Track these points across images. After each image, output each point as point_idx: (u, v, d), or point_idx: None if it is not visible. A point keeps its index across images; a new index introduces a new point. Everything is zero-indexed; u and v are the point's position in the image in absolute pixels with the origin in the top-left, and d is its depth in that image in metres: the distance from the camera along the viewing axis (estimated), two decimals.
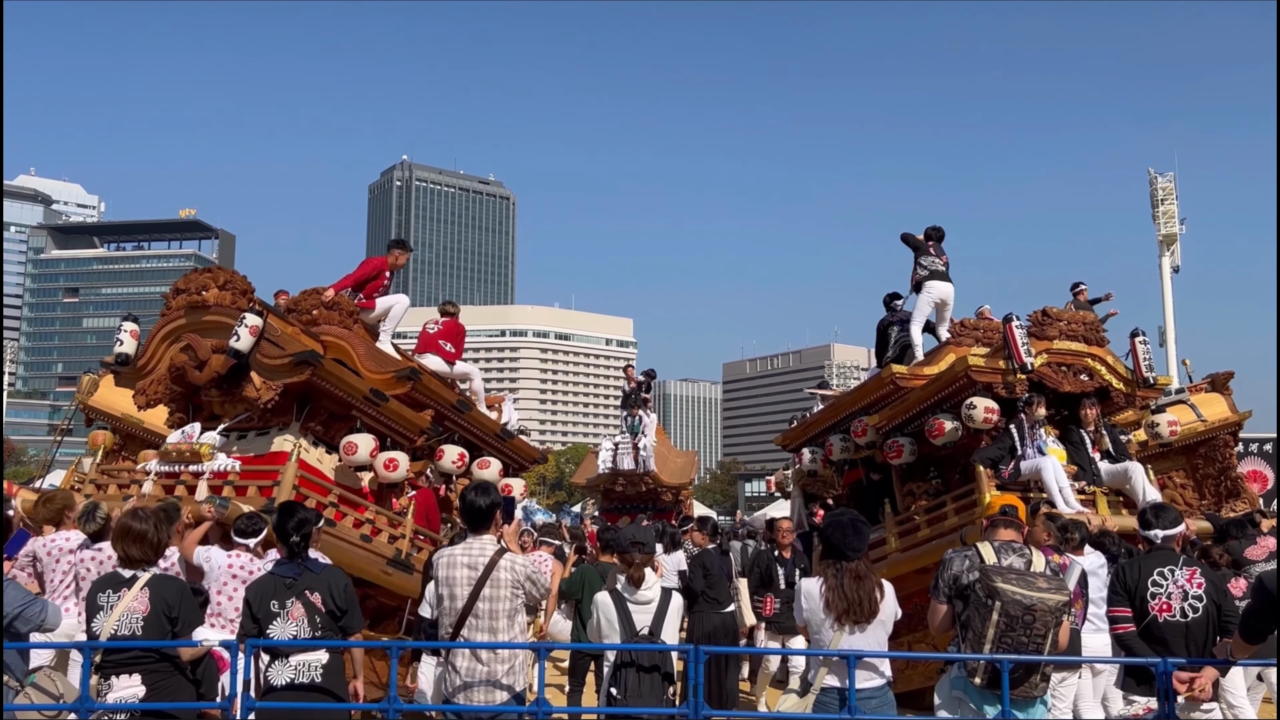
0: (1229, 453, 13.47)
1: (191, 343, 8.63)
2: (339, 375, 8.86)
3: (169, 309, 8.96)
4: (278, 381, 8.41)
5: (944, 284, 11.13)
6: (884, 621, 5.29)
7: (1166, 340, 40.79)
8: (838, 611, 5.22)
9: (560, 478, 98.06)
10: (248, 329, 8.19)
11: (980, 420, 9.20)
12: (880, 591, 5.29)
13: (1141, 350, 9.81)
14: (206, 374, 8.54)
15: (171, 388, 8.92)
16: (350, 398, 8.99)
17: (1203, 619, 5.47)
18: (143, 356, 9.07)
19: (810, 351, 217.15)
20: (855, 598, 5.20)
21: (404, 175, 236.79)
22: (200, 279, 8.88)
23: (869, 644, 5.22)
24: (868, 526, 5.55)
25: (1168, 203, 44.07)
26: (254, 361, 8.36)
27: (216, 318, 8.61)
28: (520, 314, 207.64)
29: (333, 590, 5.43)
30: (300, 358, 8.36)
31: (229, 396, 8.82)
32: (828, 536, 5.45)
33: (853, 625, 5.21)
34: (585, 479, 22.59)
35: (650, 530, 6.40)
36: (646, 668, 5.55)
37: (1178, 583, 5.52)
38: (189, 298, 8.78)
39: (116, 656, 5.04)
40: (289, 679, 5.27)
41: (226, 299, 8.65)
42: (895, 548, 9.68)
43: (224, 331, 8.39)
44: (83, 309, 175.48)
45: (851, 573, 5.26)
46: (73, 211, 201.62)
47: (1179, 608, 5.49)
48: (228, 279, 8.82)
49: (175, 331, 8.89)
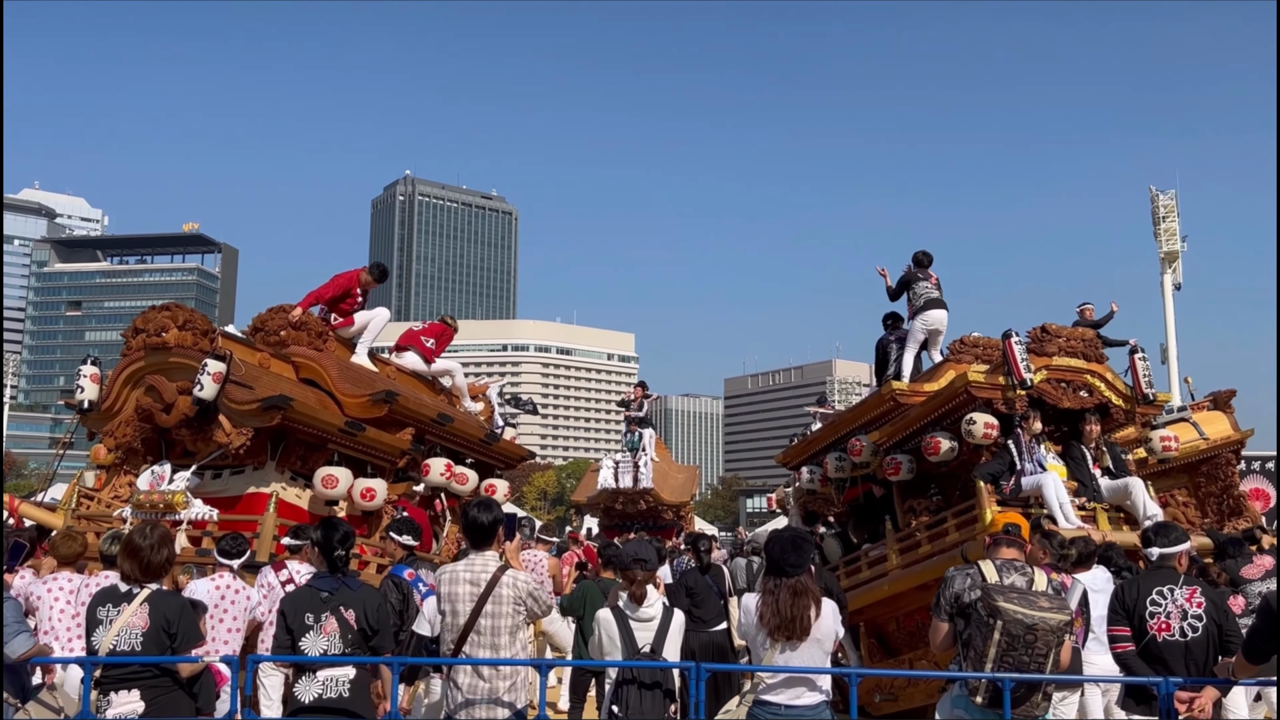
0: (1231, 471, 13.45)
1: (156, 384, 8.42)
2: (311, 413, 8.62)
3: (129, 349, 8.73)
4: (248, 426, 8.22)
5: (937, 311, 11.32)
6: (819, 640, 5.21)
7: (1169, 358, 40.72)
8: (770, 627, 5.19)
9: (561, 493, 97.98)
10: (210, 376, 7.97)
11: (980, 436, 9.21)
12: (817, 610, 5.22)
13: (1141, 367, 9.83)
14: (174, 416, 8.33)
15: (141, 428, 8.69)
16: (325, 433, 8.78)
17: (1203, 638, 5.44)
18: (106, 399, 8.83)
19: (812, 367, 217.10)
20: (789, 614, 5.15)
21: (407, 190, 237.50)
22: (159, 319, 8.63)
23: (802, 661, 5.17)
24: (811, 544, 5.50)
25: (1169, 220, 44.09)
26: (221, 406, 8.14)
27: (180, 359, 8.41)
28: (522, 329, 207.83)
29: (367, 609, 5.40)
30: (269, 402, 8.15)
31: (200, 435, 8.55)
32: (769, 552, 5.43)
33: (785, 641, 5.17)
34: (585, 496, 22.56)
35: (651, 547, 6.37)
36: (648, 685, 5.54)
37: (1177, 602, 5.49)
38: (148, 339, 8.55)
39: (116, 671, 5.03)
40: (317, 694, 5.22)
41: (187, 339, 8.44)
42: (896, 564, 9.67)
43: (188, 372, 8.20)
44: (85, 322, 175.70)
45: (789, 589, 5.21)
46: (76, 225, 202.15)
47: (1178, 627, 5.46)
48: (187, 318, 8.60)
49: (136, 374, 8.67)
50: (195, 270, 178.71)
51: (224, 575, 7.08)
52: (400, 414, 9.79)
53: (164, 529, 5.59)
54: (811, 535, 5.78)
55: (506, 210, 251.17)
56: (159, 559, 5.29)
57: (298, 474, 8.99)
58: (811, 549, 5.42)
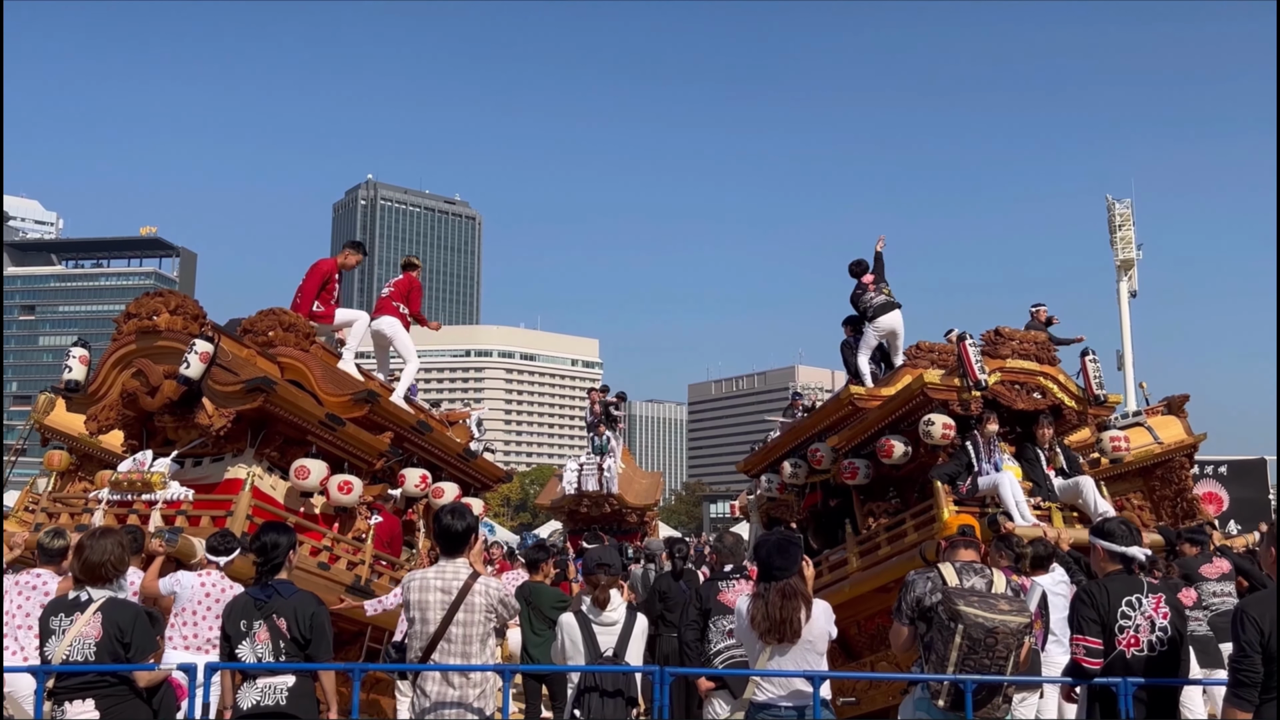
0: (1185, 474, 13.71)
1: (143, 368, 8.49)
2: (293, 401, 8.74)
3: (120, 333, 8.82)
4: (230, 408, 8.28)
5: (887, 315, 11.45)
6: (811, 641, 5.26)
7: (1124, 364, 41.38)
8: (760, 630, 5.24)
9: (525, 499, 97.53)
10: (198, 355, 8.06)
11: (938, 437, 9.35)
12: (808, 611, 5.26)
13: (1092, 369, 10.05)
14: (159, 400, 8.40)
15: (124, 413, 8.75)
16: (305, 423, 8.88)
17: (1170, 652, 5.14)
18: (94, 382, 8.91)
19: (775, 373, 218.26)
20: (779, 617, 5.19)
21: (369, 194, 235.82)
22: (151, 303, 8.76)
23: (794, 664, 5.21)
24: (798, 546, 5.51)
25: (1125, 228, 44.90)
26: (205, 388, 8.22)
27: (168, 343, 8.48)
28: (486, 334, 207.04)
29: (299, 617, 5.32)
30: (252, 384, 8.24)
31: (182, 422, 8.66)
32: (757, 556, 5.46)
33: (776, 644, 5.22)
34: (549, 500, 22.48)
35: (615, 552, 6.39)
36: (610, 691, 5.54)
37: (1145, 613, 5.14)
38: (139, 322, 8.65)
39: (70, 681, 4.96)
40: (255, 701, 5.19)
41: (178, 324, 8.53)
42: (856, 567, 9.76)
43: (176, 357, 8.27)
44: (39, 327, 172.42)
45: (779, 591, 5.24)
46: (30, 228, 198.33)
47: (1146, 640, 5.12)
48: (179, 303, 8.70)
49: (126, 357, 8.73)
50: (152, 274, 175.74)
51: (211, 573, 7.03)
52: (380, 417, 9.84)
53: (119, 532, 5.51)
54: (799, 538, 5.78)
55: (470, 215, 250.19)
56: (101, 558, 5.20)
57: (275, 465, 9.03)
58: (800, 551, 5.43)
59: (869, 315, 11.51)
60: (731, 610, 6.52)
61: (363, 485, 9.31)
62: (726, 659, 6.47)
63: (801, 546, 5.56)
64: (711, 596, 6.68)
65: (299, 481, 8.85)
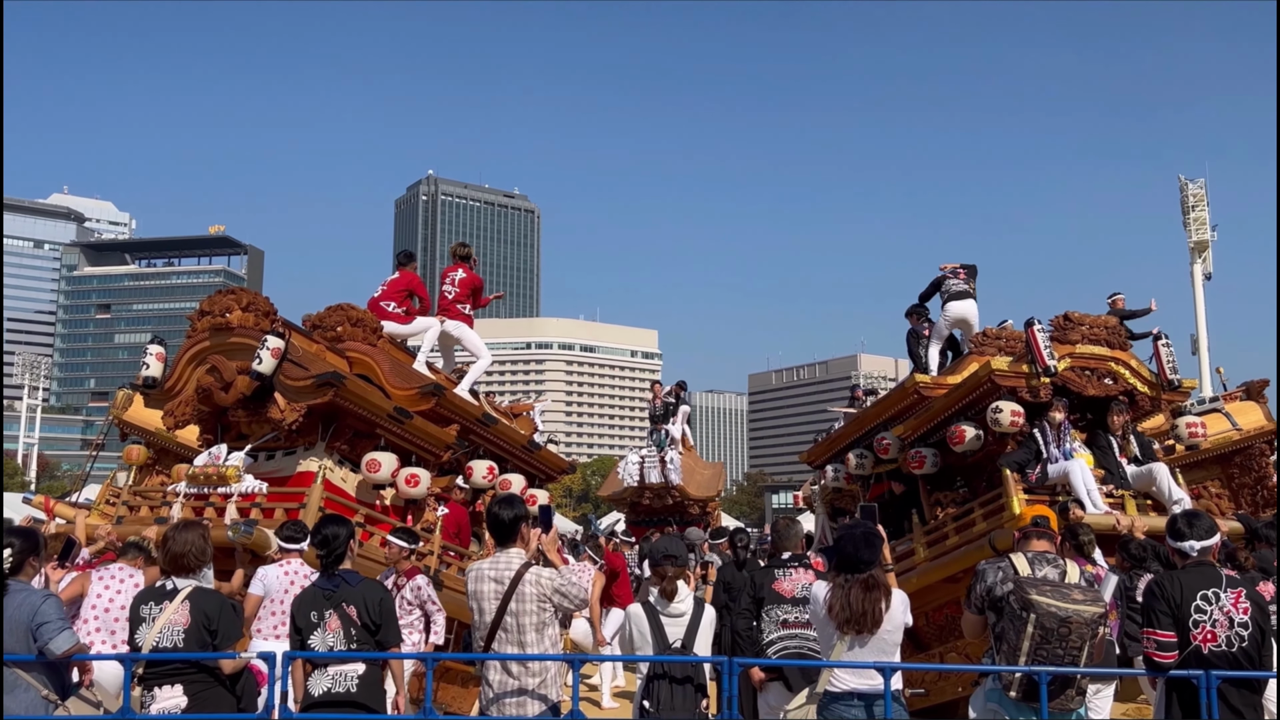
0: (1265, 461, 13.32)
1: (217, 364, 8.71)
2: (362, 395, 8.90)
3: (194, 330, 9.07)
4: (301, 403, 8.47)
5: (960, 303, 11.24)
6: (889, 631, 5.27)
7: (1199, 348, 40.39)
8: (839, 621, 5.24)
9: (587, 490, 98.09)
10: (269, 351, 8.26)
11: (1006, 424, 9.17)
12: (888, 602, 5.27)
13: (1165, 353, 9.74)
14: (232, 395, 8.59)
15: (199, 408, 8.98)
16: (374, 416, 9.04)
17: (1251, 649, 4.87)
18: (170, 378, 9.15)
19: (836, 362, 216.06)
20: (860, 609, 5.20)
21: (430, 189, 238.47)
22: (224, 301, 8.97)
23: (871, 655, 5.21)
24: (880, 539, 5.50)
25: (1199, 209, 43.72)
26: (277, 383, 8.42)
27: (241, 339, 8.70)
28: (545, 326, 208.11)
29: (368, 604, 5.46)
30: (323, 379, 8.41)
31: (255, 417, 8.86)
32: (840, 548, 5.44)
33: (855, 635, 5.22)
34: (611, 492, 22.57)
35: (681, 543, 6.39)
36: (679, 680, 5.57)
37: (1223, 608, 4.88)
38: (213, 320, 8.88)
39: (159, 668, 5.14)
40: (326, 688, 5.34)
41: (250, 320, 8.75)
42: (924, 557, 9.65)
43: (248, 353, 8.47)
44: (115, 325, 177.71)
45: (861, 584, 5.25)
46: (104, 229, 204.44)
47: (1224, 637, 4.87)
48: (250, 300, 8.92)
49: (201, 353, 8.97)
50: (222, 272, 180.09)
51: (292, 560, 7.26)
52: (447, 411, 9.99)
53: (202, 525, 5.69)
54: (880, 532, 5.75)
55: (529, 208, 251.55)
56: (184, 549, 5.37)
57: (345, 458, 9.23)
58: (882, 544, 5.44)
59: (943, 300, 11.31)
60: (786, 599, 6.52)
61: (430, 477, 9.46)
62: (780, 650, 6.43)
63: (883, 540, 5.54)
64: (766, 585, 6.61)
65: (371, 475, 9.01)
